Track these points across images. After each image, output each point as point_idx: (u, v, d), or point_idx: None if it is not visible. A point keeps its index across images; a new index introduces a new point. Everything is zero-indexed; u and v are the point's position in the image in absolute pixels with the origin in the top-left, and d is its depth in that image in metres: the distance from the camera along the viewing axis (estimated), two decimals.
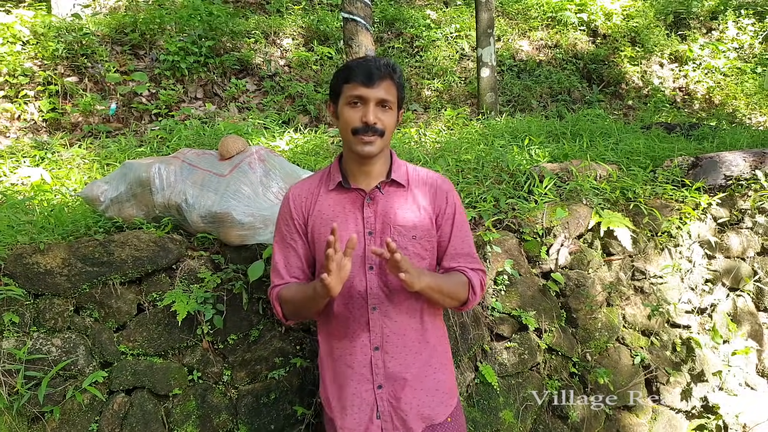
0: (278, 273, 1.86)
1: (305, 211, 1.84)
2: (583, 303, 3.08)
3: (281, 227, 1.88)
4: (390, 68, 1.71)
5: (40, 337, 2.26)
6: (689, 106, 7.60)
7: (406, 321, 1.81)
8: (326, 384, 1.90)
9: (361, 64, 1.71)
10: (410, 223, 1.79)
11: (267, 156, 2.90)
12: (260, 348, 2.57)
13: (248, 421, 2.45)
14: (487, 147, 4.37)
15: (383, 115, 1.71)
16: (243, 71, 6.44)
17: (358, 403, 1.78)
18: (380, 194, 1.81)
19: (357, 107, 1.70)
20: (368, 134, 1.69)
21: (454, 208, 1.88)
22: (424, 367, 1.83)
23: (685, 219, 3.41)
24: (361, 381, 1.79)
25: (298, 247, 1.85)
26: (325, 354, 1.91)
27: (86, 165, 4.21)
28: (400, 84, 1.75)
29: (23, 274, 2.29)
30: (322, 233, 1.79)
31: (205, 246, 2.72)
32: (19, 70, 5.19)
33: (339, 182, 1.81)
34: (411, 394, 1.80)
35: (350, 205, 1.81)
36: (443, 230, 1.86)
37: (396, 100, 1.74)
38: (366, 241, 1.77)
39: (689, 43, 8.35)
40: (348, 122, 1.71)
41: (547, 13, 8.37)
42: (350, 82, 1.70)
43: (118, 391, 2.34)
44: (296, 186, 1.91)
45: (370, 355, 1.79)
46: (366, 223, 1.79)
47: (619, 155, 4.16)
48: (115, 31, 6.15)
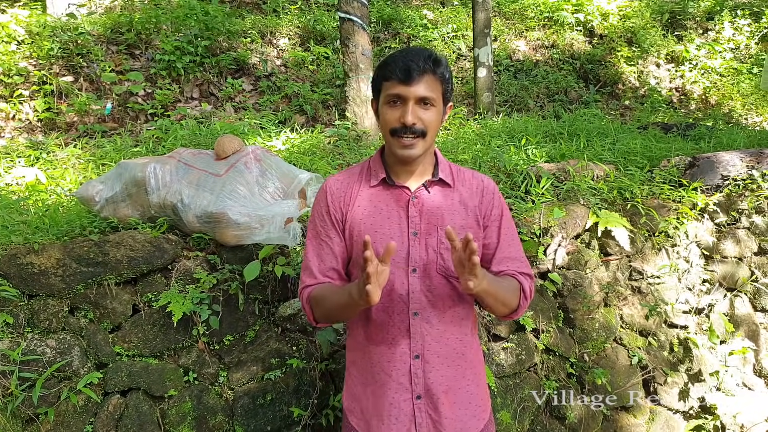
0: (310, 272, 1.72)
1: (344, 206, 1.72)
2: (581, 303, 3.07)
3: (316, 222, 1.75)
4: (431, 61, 1.58)
5: (35, 338, 2.24)
6: (686, 107, 7.62)
7: (449, 329, 1.70)
8: (355, 391, 1.78)
9: (399, 58, 1.57)
10: (458, 224, 1.67)
11: (263, 156, 2.88)
12: (256, 349, 2.56)
13: (244, 422, 2.44)
14: (484, 147, 4.36)
15: (424, 113, 1.58)
16: (239, 71, 6.42)
17: (396, 414, 1.67)
18: (426, 193, 1.69)
19: (396, 106, 1.58)
20: (407, 136, 1.58)
21: (501, 209, 1.77)
22: (460, 379, 1.72)
23: (683, 219, 3.41)
24: (399, 390, 1.67)
25: (333, 244, 1.72)
26: (359, 359, 1.78)
27: (81, 165, 4.18)
28: (444, 77, 1.61)
29: (17, 274, 2.27)
30: (361, 230, 1.67)
31: (201, 246, 2.71)
32: (14, 69, 5.16)
33: (383, 178, 1.70)
34: (449, 407, 1.69)
35: (394, 203, 1.69)
36: (491, 233, 1.75)
37: (440, 95, 1.61)
38: (410, 242, 1.65)
39: (685, 43, 8.37)
40: (387, 123, 1.61)
41: (543, 13, 8.38)
42: (389, 80, 1.58)
43: (114, 392, 2.32)
44: (334, 178, 1.78)
45: (409, 364, 1.67)
46: (411, 222, 1.66)
47: (616, 155, 4.16)
48: (110, 31, 6.12)
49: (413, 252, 1.65)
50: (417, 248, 1.65)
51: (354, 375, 1.80)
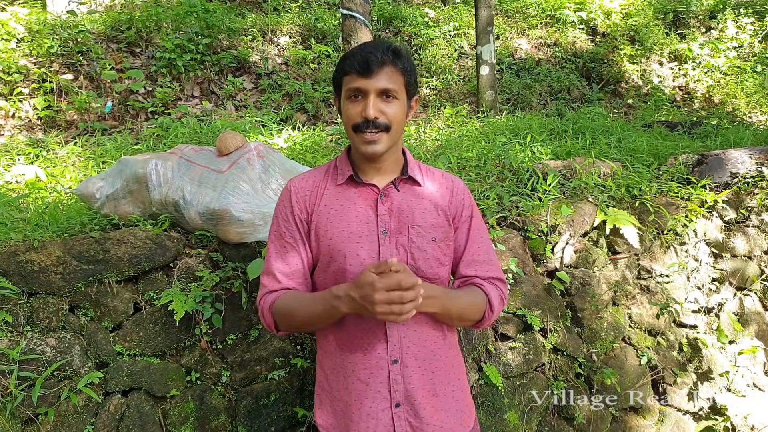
0: (273, 276, 1.62)
1: (309, 206, 1.64)
2: (589, 302, 3.02)
3: (279, 224, 1.66)
4: (391, 52, 1.51)
5: (34, 337, 2.19)
6: (689, 105, 7.57)
7: (426, 330, 1.62)
8: (329, 407, 1.67)
9: (358, 51, 1.51)
10: (429, 223, 1.62)
11: (266, 152, 2.83)
12: (260, 348, 2.51)
13: (247, 422, 2.39)
14: (488, 144, 4.31)
15: (387, 106, 1.51)
16: (240, 69, 6.37)
17: (374, 426, 1.56)
18: (395, 191, 1.63)
19: (357, 101, 1.52)
20: (370, 131, 1.51)
21: (472, 210, 1.72)
22: (443, 383, 1.65)
23: (691, 217, 3.36)
24: (377, 399, 1.57)
25: (298, 246, 1.63)
26: (331, 370, 1.67)
27: (81, 163, 4.14)
28: (406, 69, 1.54)
29: (17, 272, 2.22)
30: (328, 230, 1.60)
31: (203, 244, 2.66)
32: (14, 67, 5.12)
33: (350, 176, 1.63)
34: (432, 412, 1.61)
35: (362, 201, 1.62)
36: (460, 234, 1.69)
37: (403, 87, 1.54)
38: (380, 241, 1.58)
39: (689, 41, 8.32)
40: (348, 118, 1.53)
41: (546, 11, 8.34)
42: (348, 74, 1.52)
43: (115, 392, 2.27)
44: (298, 178, 1.70)
45: (387, 369, 1.57)
46: (380, 221, 1.59)
47: (622, 153, 4.12)
48: (110, 29, 6.08)
49: (383, 251, 1.57)
50: (387, 247, 1.58)
51: (326, 388, 1.69)
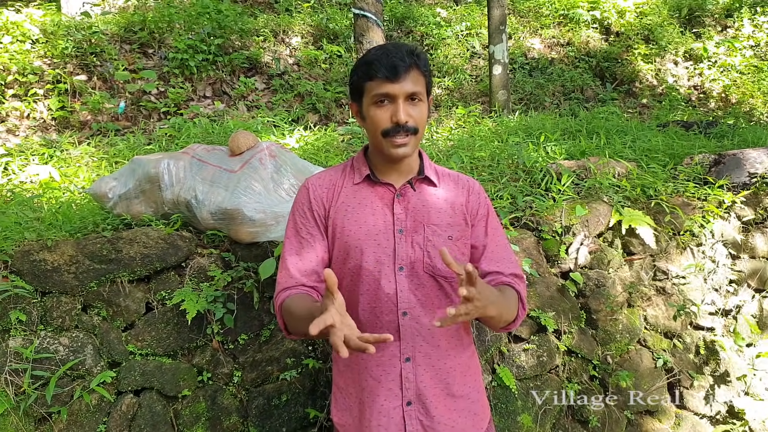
0: (288, 273, 1.62)
1: (326, 203, 1.65)
2: (604, 304, 2.98)
3: (296, 219, 1.67)
4: (414, 56, 1.53)
5: (48, 336, 2.20)
6: (705, 105, 7.48)
7: (440, 329, 1.60)
8: (344, 404, 1.69)
9: (382, 56, 1.51)
10: (445, 222, 1.63)
11: (278, 152, 2.83)
12: (271, 348, 2.50)
13: (259, 423, 2.38)
14: (501, 144, 4.28)
15: (414, 110, 1.53)
16: (252, 69, 6.38)
17: (385, 423, 1.57)
18: (412, 191, 1.65)
19: (385, 106, 1.52)
20: (401, 135, 1.52)
21: (487, 209, 1.73)
22: (457, 384, 1.64)
23: (708, 217, 3.31)
24: (389, 397, 1.58)
25: (315, 242, 1.64)
26: (345, 368, 1.68)
27: (95, 163, 4.16)
28: (427, 70, 1.57)
29: (30, 271, 2.23)
30: (345, 228, 1.61)
31: (215, 243, 2.66)
32: (29, 68, 5.16)
33: (367, 175, 1.65)
34: (444, 411, 1.60)
35: (378, 200, 1.64)
36: (477, 232, 1.70)
37: (425, 89, 1.56)
38: (396, 240, 1.59)
39: (704, 40, 8.23)
40: (377, 124, 1.53)
41: (558, 10, 8.28)
42: (374, 79, 1.51)
43: (127, 391, 2.27)
44: (315, 177, 1.72)
45: (399, 367, 1.58)
46: (396, 220, 1.61)
47: (637, 153, 4.07)
48: (124, 30, 6.11)
49: (399, 250, 1.58)
50: (403, 246, 1.59)
51: (341, 386, 1.71)
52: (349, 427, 1.67)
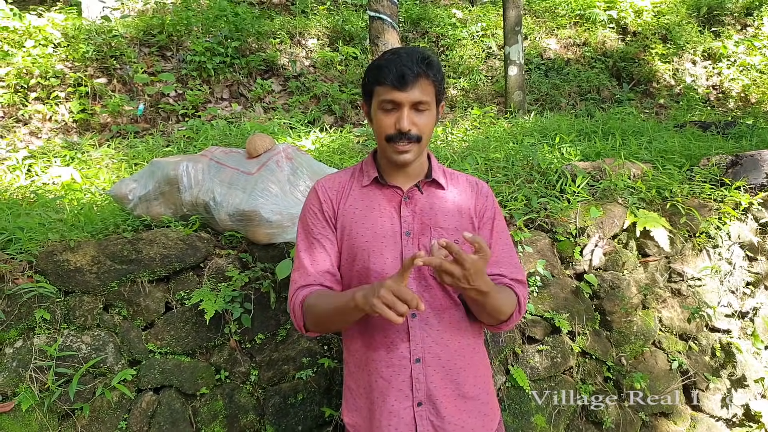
0: (304, 271, 1.64)
1: (336, 204, 1.68)
2: (618, 305, 2.98)
3: (308, 221, 1.70)
4: (425, 64, 1.52)
5: (71, 334, 2.26)
6: (724, 105, 7.41)
7: (449, 330, 1.63)
8: (355, 404, 1.71)
9: (393, 62, 1.52)
10: (452, 225, 1.64)
11: (294, 154, 2.87)
12: (288, 348, 2.54)
13: (275, 421, 2.42)
14: (516, 145, 4.29)
15: (419, 118, 1.55)
16: (268, 72, 6.45)
17: (395, 423, 1.58)
18: (419, 194, 1.66)
19: (390, 112, 1.54)
20: (403, 142, 1.54)
21: (494, 212, 1.73)
22: (467, 385, 1.65)
23: (725, 219, 3.29)
24: (399, 398, 1.59)
25: (326, 242, 1.67)
26: (357, 369, 1.70)
27: (115, 165, 4.24)
28: (437, 79, 1.57)
29: (54, 271, 2.29)
30: (353, 230, 1.64)
31: (233, 244, 2.70)
32: (51, 72, 5.27)
33: (375, 178, 1.67)
34: (454, 411, 1.61)
35: (386, 203, 1.66)
36: (483, 234, 1.70)
37: (434, 98, 1.57)
38: (403, 242, 1.61)
39: (723, 39, 8.14)
40: (382, 129, 1.56)
41: (575, 10, 8.25)
42: (382, 84, 1.53)
43: (147, 389, 2.32)
44: (324, 179, 1.75)
45: (410, 368, 1.59)
46: (403, 222, 1.63)
47: (653, 154, 4.05)
48: (143, 33, 6.21)
49: (406, 252, 1.60)
50: (410, 249, 1.61)
51: (352, 387, 1.73)
52: (360, 428, 1.69)
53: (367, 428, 1.66)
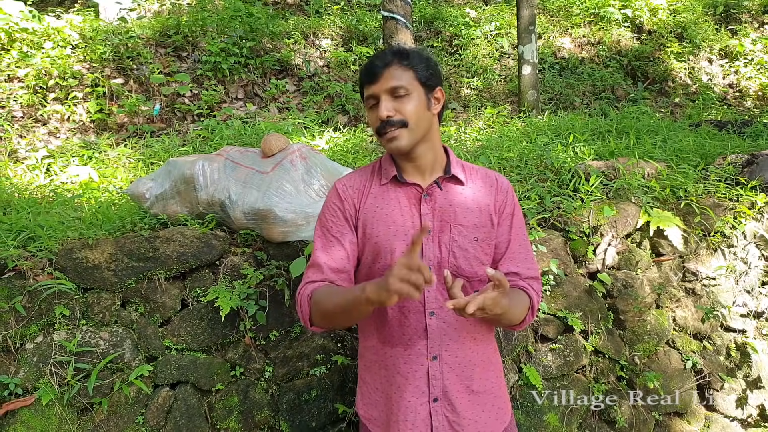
0: (318, 268, 1.64)
1: (356, 203, 1.69)
2: (631, 304, 2.98)
3: (326, 219, 1.71)
4: (395, 54, 1.56)
5: (89, 330, 2.30)
6: (741, 104, 7.33)
7: (466, 328, 1.65)
8: (371, 398, 1.73)
9: (366, 62, 1.59)
10: (471, 222, 1.64)
11: (308, 153, 2.89)
12: (302, 345, 2.57)
13: (289, 417, 2.45)
14: (529, 144, 4.28)
15: (399, 104, 1.55)
16: (283, 72, 6.49)
17: (412, 418, 1.61)
18: (438, 190, 1.66)
19: (374, 108, 1.59)
20: (389, 129, 1.55)
21: (513, 208, 1.73)
22: (481, 380, 1.68)
23: (740, 218, 3.27)
24: (416, 393, 1.62)
25: (345, 240, 1.67)
26: (373, 363, 1.73)
27: (131, 164, 4.30)
28: (412, 64, 1.56)
29: (73, 268, 2.33)
30: (373, 228, 1.64)
31: (248, 242, 2.74)
32: (69, 72, 5.34)
33: (394, 176, 1.67)
34: (468, 407, 1.64)
35: (405, 201, 1.66)
36: (502, 230, 1.71)
37: (415, 81, 1.57)
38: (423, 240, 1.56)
39: (740, 37, 8.06)
40: (371, 124, 1.61)
41: (589, 9, 8.21)
42: (363, 85, 1.60)
43: (163, 385, 2.36)
44: (344, 178, 1.76)
45: (427, 365, 1.62)
46: (423, 220, 1.63)
47: (668, 153, 4.03)
48: (159, 34, 6.28)
49: (426, 250, 1.61)
50: (430, 246, 1.62)
51: (368, 381, 1.75)
52: (376, 421, 1.72)
53: (384, 422, 1.69)
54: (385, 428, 1.68)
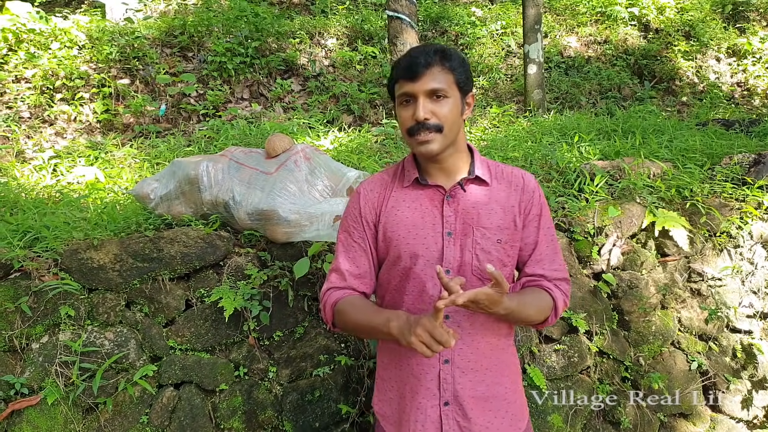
0: (340, 273, 1.68)
1: (377, 208, 1.68)
2: (636, 305, 2.97)
3: (348, 224, 1.71)
4: (438, 53, 1.52)
5: (94, 331, 2.31)
6: (749, 102, 7.28)
7: (481, 332, 1.63)
8: (386, 395, 1.74)
9: (405, 57, 1.54)
10: (495, 224, 1.61)
11: (312, 154, 2.90)
12: (305, 345, 2.57)
13: (293, 417, 2.46)
14: (534, 144, 4.27)
15: (437, 106, 1.51)
16: (288, 72, 6.50)
17: (422, 420, 1.61)
18: (462, 192, 1.63)
19: (408, 105, 1.54)
20: (422, 133, 1.52)
21: (541, 208, 1.69)
22: (494, 385, 1.66)
23: (747, 219, 3.25)
24: (427, 395, 1.62)
25: (366, 246, 1.68)
26: (389, 362, 1.74)
27: (137, 164, 4.32)
28: (454, 67, 1.54)
29: (78, 268, 2.35)
30: (395, 231, 1.63)
31: (252, 243, 2.75)
32: (76, 73, 5.38)
33: (415, 178, 1.65)
34: (480, 413, 1.62)
35: (428, 203, 1.64)
36: (528, 232, 1.67)
37: (453, 85, 1.54)
38: (444, 243, 1.60)
39: (748, 36, 8.01)
40: (402, 123, 1.56)
41: (596, 8, 8.17)
42: (398, 81, 1.55)
43: (167, 385, 2.37)
44: (367, 181, 1.75)
45: (438, 368, 1.61)
46: (445, 222, 1.61)
47: (674, 153, 4.00)
48: (164, 34, 6.30)
49: (447, 253, 1.59)
50: (451, 249, 1.59)
51: (384, 378, 1.76)
52: (390, 419, 1.72)
53: (396, 420, 1.69)
54: (397, 427, 1.69)
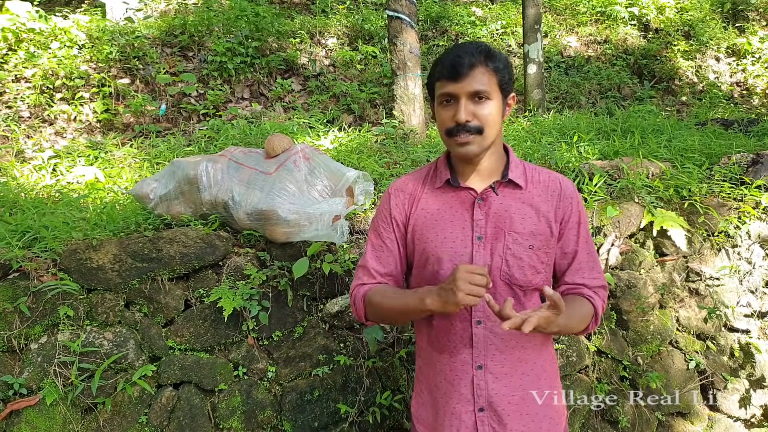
0: (368, 271, 1.70)
1: (407, 209, 1.67)
2: (635, 305, 2.97)
3: (378, 223, 1.73)
4: (481, 53, 1.49)
5: (93, 331, 2.32)
6: (748, 102, 7.28)
7: (514, 338, 1.59)
8: (422, 398, 1.74)
9: (448, 56, 1.51)
10: (528, 230, 1.57)
11: (312, 154, 2.90)
12: (304, 345, 2.58)
13: (292, 417, 2.46)
14: (534, 144, 4.28)
15: (479, 108, 1.49)
16: (288, 71, 6.50)
17: (457, 425, 1.60)
18: (494, 195, 1.60)
19: (449, 105, 1.52)
20: (462, 134, 1.50)
21: (579, 216, 1.65)
22: (531, 388, 1.63)
23: (744, 218, 3.25)
24: (462, 401, 1.60)
25: (394, 246, 1.69)
26: (424, 365, 1.73)
27: (137, 164, 4.32)
28: (498, 68, 1.51)
29: (77, 269, 2.36)
30: (423, 234, 1.62)
31: (251, 243, 2.75)
32: (76, 73, 5.38)
33: (447, 180, 1.63)
34: (517, 419, 1.59)
35: (458, 205, 1.61)
36: (567, 240, 1.64)
37: (496, 86, 1.51)
38: (474, 247, 1.57)
39: (748, 35, 8.00)
40: (442, 123, 1.54)
41: (596, 8, 8.17)
42: (439, 79, 1.52)
43: (167, 385, 2.38)
44: (399, 181, 1.75)
45: (471, 374, 1.59)
46: (475, 226, 1.58)
47: (673, 152, 4.01)
48: (165, 34, 6.30)
49: (477, 257, 1.56)
50: (481, 253, 1.57)
51: (421, 381, 1.75)
52: (425, 422, 1.72)
53: (432, 424, 1.69)
54: (431, 431, 1.69)
